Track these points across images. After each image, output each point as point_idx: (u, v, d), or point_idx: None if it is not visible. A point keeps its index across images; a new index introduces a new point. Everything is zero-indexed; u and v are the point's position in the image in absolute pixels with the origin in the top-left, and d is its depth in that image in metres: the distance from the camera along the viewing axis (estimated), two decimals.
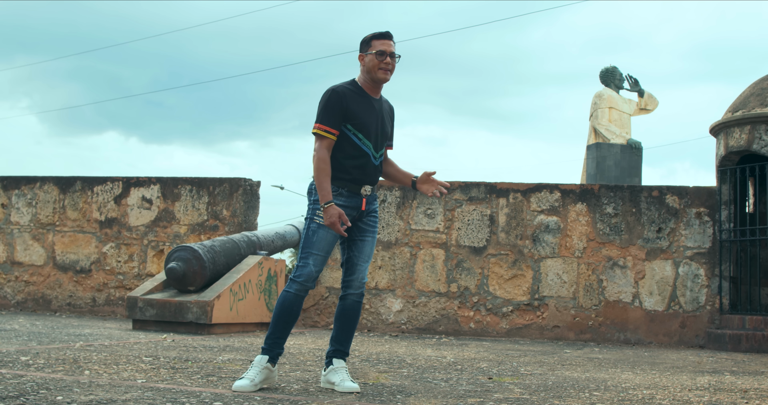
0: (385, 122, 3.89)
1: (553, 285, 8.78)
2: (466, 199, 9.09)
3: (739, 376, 5.24)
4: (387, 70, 3.77)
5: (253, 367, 3.70)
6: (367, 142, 3.79)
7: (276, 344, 3.77)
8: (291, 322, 3.79)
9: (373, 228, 3.90)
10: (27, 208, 10.52)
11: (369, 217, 3.90)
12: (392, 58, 3.77)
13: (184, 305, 7.49)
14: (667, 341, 8.47)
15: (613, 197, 8.78)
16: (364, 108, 3.78)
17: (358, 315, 3.91)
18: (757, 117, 8.16)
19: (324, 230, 3.74)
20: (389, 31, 3.82)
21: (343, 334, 3.89)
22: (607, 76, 14.10)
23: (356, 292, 3.87)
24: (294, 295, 3.76)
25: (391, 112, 4.00)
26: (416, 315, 9.05)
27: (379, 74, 3.78)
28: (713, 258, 8.47)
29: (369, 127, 3.78)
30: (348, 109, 3.73)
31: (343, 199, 3.77)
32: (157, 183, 10.07)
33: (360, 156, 3.78)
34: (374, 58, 3.76)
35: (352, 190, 3.79)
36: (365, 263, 3.87)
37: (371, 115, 3.80)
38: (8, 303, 10.36)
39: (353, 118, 3.75)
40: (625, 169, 13.11)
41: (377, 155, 3.85)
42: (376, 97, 3.86)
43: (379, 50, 3.75)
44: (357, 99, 3.78)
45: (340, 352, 3.88)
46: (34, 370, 4.05)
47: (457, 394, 3.83)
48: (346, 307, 3.89)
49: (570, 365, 5.67)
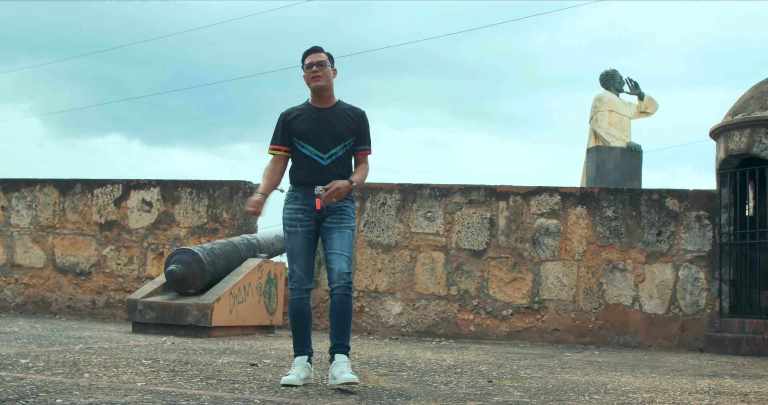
0: (335, 125, 4.22)
1: (553, 288, 8.77)
2: (466, 202, 9.09)
3: (739, 379, 5.24)
4: (317, 77, 4.20)
5: (295, 365, 4.07)
6: (308, 147, 4.19)
7: (304, 346, 4.13)
8: (306, 324, 4.15)
9: (339, 224, 4.16)
10: (27, 211, 10.52)
11: (335, 216, 4.17)
12: (319, 66, 4.20)
13: (183, 308, 7.49)
14: (667, 344, 8.46)
15: (613, 200, 8.79)
16: (305, 119, 4.23)
17: (349, 307, 4.06)
18: (757, 120, 8.16)
19: (293, 236, 4.14)
20: (315, 45, 4.31)
21: (337, 328, 4.06)
22: (607, 79, 14.10)
23: (339, 284, 4.03)
24: (297, 300, 4.13)
25: (357, 118, 4.30)
26: (416, 318, 9.04)
27: (312, 83, 4.22)
28: (713, 261, 8.47)
29: (309, 134, 4.20)
30: (290, 126, 4.25)
31: (299, 202, 4.17)
32: (157, 186, 10.07)
33: (305, 159, 4.20)
34: (305, 71, 4.24)
35: (308, 192, 4.16)
36: (339, 256, 4.08)
37: (311, 123, 4.21)
38: (8, 305, 10.36)
39: (294, 130, 4.23)
40: (625, 172, 13.11)
41: (325, 156, 4.19)
42: (324, 107, 4.27)
43: (307, 64, 4.24)
44: (300, 114, 4.26)
45: (340, 346, 4.05)
46: (34, 373, 4.04)
47: (457, 397, 3.83)
48: (333, 301, 4.07)
49: (570, 368, 5.67)
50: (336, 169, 4.20)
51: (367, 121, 4.33)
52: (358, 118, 4.29)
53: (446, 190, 9.18)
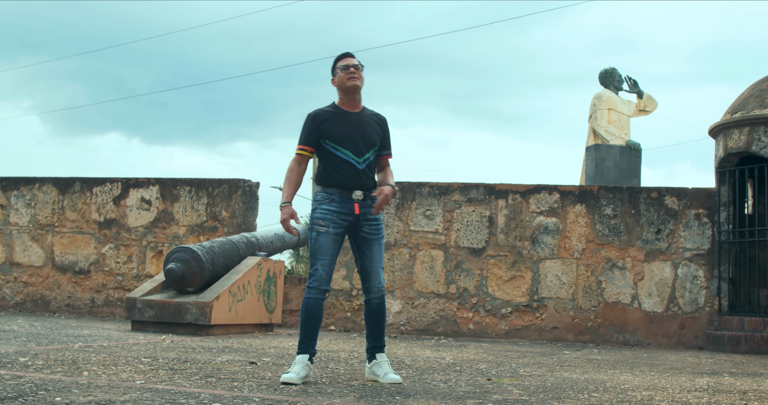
0: (367, 130, 4.31)
1: (552, 286, 8.78)
2: (465, 200, 9.09)
3: (738, 377, 5.25)
4: (354, 77, 4.26)
5: (296, 364, 4.13)
6: (344, 151, 4.25)
7: (309, 345, 4.21)
8: (317, 324, 4.24)
9: (377, 235, 4.34)
10: (26, 209, 10.51)
11: (371, 225, 4.30)
12: (356, 68, 4.28)
13: (183, 306, 7.49)
14: (666, 342, 8.47)
15: (612, 199, 8.79)
16: (338, 122, 4.27)
17: (384, 313, 4.42)
18: (756, 118, 8.16)
19: (323, 236, 4.19)
20: (348, 51, 4.40)
21: (375, 331, 4.39)
22: (606, 78, 14.10)
23: (377, 295, 4.37)
24: (313, 300, 4.21)
25: (381, 123, 4.42)
26: (415, 316, 9.04)
27: (349, 83, 4.26)
28: (712, 259, 8.47)
29: (344, 138, 4.24)
30: (322, 127, 4.26)
31: (336, 205, 4.22)
32: (156, 184, 10.07)
33: (341, 163, 4.24)
34: (341, 72, 4.28)
35: (344, 196, 4.22)
36: (378, 269, 4.36)
37: (346, 127, 4.26)
38: (7, 304, 10.36)
39: (327, 133, 4.25)
40: (624, 170, 13.11)
41: (360, 160, 4.27)
42: (354, 111, 4.34)
43: (343, 65, 4.29)
44: (331, 117, 4.28)
45: (378, 346, 4.36)
46: (33, 371, 4.04)
47: (456, 395, 3.83)
48: (371, 309, 4.38)
49: (569, 366, 5.67)
50: (369, 173, 4.33)
51: (388, 127, 4.49)
52: (382, 124, 4.44)
53: (445, 188, 9.17)
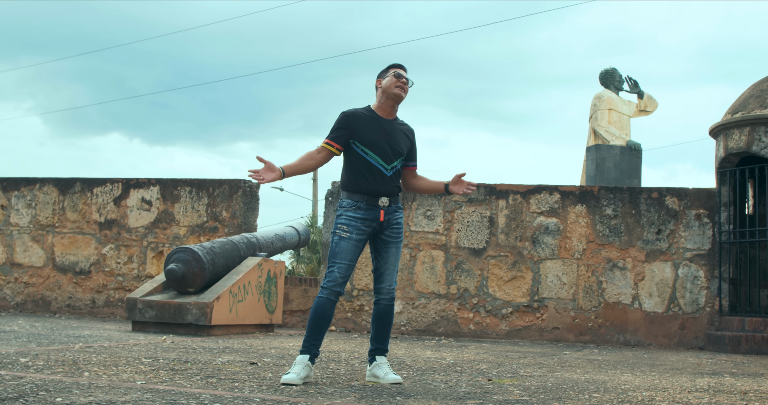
0: (397, 139, 4.31)
1: (553, 287, 8.78)
2: (466, 200, 9.09)
3: (739, 377, 5.24)
4: (402, 88, 4.27)
5: (296, 364, 4.10)
6: (374, 156, 4.23)
7: (313, 345, 4.19)
8: (325, 325, 4.22)
9: (397, 239, 4.33)
10: (26, 210, 10.52)
11: (392, 229, 4.30)
12: (407, 81, 4.30)
13: (183, 307, 7.49)
14: (667, 343, 8.47)
15: (613, 199, 8.79)
16: (371, 127, 4.26)
17: (392, 316, 4.40)
18: (756, 118, 8.16)
19: (345, 241, 4.19)
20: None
21: (380, 334, 4.38)
22: (606, 78, 14.09)
23: (386, 297, 4.35)
24: (326, 300, 4.19)
25: (410, 134, 4.43)
26: (416, 316, 9.04)
27: (396, 90, 4.26)
28: (713, 260, 8.47)
29: (375, 143, 4.23)
30: (354, 128, 4.24)
31: (362, 212, 4.21)
32: (157, 184, 10.07)
33: (370, 168, 4.22)
34: (392, 77, 4.28)
35: (370, 203, 4.22)
36: (392, 272, 4.35)
37: (378, 132, 4.25)
38: (8, 304, 10.36)
39: (359, 135, 4.23)
40: (625, 170, 13.10)
41: (388, 168, 4.26)
42: (388, 118, 4.33)
43: (396, 72, 4.29)
44: (365, 119, 4.27)
45: (380, 349, 4.37)
46: (34, 372, 4.04)
47: (457, 395, 3.83)
48: (379, 310, 4.36)
49: (569, 367, 5.67)
50: (396, 182, 4.33)
51: (415, 139, 4.50)
52: (411, 135, 4.45)
53: None
